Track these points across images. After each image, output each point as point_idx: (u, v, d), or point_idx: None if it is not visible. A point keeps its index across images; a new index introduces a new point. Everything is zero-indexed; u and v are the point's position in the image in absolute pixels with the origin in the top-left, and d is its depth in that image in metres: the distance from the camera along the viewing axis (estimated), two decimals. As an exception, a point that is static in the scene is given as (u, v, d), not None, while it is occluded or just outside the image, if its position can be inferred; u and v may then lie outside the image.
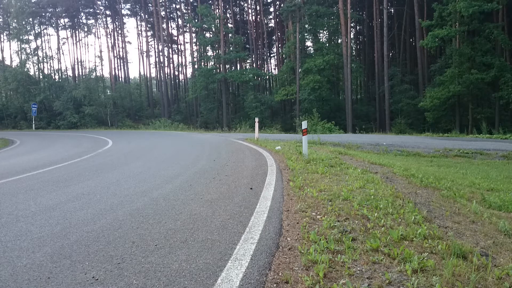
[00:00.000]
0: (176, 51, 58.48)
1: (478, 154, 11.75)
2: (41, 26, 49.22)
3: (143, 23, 56.70)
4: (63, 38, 64.57)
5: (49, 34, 69.48)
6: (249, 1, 53.86)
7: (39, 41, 47.49)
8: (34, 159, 11.11)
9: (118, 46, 55.80)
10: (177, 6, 55.16)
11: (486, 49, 25.73)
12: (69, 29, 51.97)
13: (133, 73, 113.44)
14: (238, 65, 48.91)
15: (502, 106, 25.57)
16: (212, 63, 43.30)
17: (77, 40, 52.85)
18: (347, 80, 33.19)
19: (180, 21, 56.07)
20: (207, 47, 43.43)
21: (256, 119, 16.01)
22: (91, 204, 4.69)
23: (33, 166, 9.10)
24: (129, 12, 56.55)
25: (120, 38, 55.86)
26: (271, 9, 54.94)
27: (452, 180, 6.64)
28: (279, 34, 51.79)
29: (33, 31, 45.76)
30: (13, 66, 42.62)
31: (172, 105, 48.82)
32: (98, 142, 16.79)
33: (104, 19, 52.88)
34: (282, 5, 42.30)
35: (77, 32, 52.63)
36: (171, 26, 56.93)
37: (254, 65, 51.86)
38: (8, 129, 37.53)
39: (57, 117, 39.06)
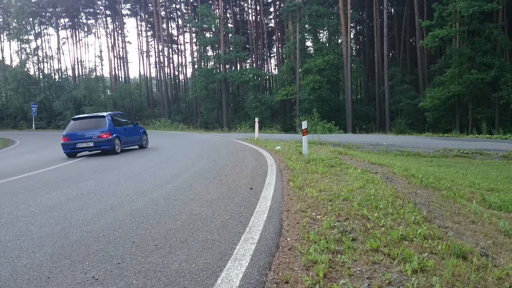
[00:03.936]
0: (176, 51, 58.53)
1: (478, 154, 11.75)
2: (41, 26, 49.26)
3: (143, 23, 56.74)
4: (63, 38, 64.47)
5: (49, 34, 69.46)
6: (249, 1, 53.88)
7: (39, 41, 47.56)
8: (34, 159, 11.11)
9: (118, 46, 55.85)
10: (177, 6, 55.19)
11: (486, 49, 25.73)
12: (69, 29, 52.00)
13: (133, 73, 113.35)
14: (238, 65, 48.91)
15: (502, 106, 25.56)
16: (212, 63, 43.31)
17: (77, 40, 52.89)
18: (347, 80, 33.19)
19: (180, 21, 56.10)
20: (207, 47, 43.44)
21: (256, 119, 16.02)
22: (91, 204, 4.69)
23: (33, 166, 9.10)
24: (129, 12, 56.59)
25: (120, 38, 55.91)
26: (271, 9, 54.99)
27: (452, 180, 6.64)
28: (279, 34, 51.79)
29: (33, 31, 45.80)
30: (13, 66, 42.65)
31: (172, 105, 48.82)
32: (98, 142, 16.73)
33: (104, 19, 52.91)
34: (282, 5, 42.30)
35: (77, 32, 52.66)
36: (171, 26, 56.97)
37: (254, 65, 51.86)
38: (8, 129, 37.54)
39: (57, 117, 39.07)
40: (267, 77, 52.14)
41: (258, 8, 52.56)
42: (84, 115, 13.96)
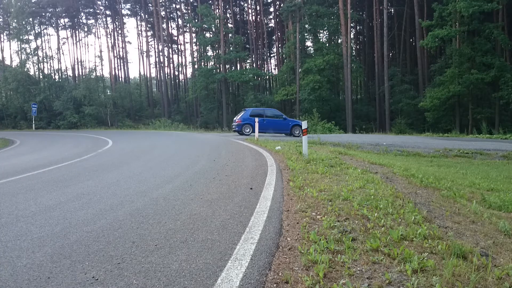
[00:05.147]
0: (176, 51, 58.57)
1: (478, 154, 11.75)
2: (41, 26, 49.24)
3: (143, 23, 56.78)
4: (63, 38, 64.53)
5: (49, 34, 69.49)
6: (249, 1, 53.89)
7: (39, 41, 47.53)
8: (34, 159, 11.11)
9: (118, 46, 55.87)
10: (177, 6, 55.20)
11: (486, 49, 25.74)
12: (69, 29, 52.02)
13: (133, 73, 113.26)
14: (238, 65, 48.92)
15: (502, 106, 25.58)
16: (212, 63, 43.31)
17: (77, 40, 52.92)
18: (347, 80, 33.20)
19: (180, 21, 56.13)
20: (207, 47, 43.45)
21: (256, 119, 16.01)
22: (91, 204, 4.69)
23: (33, 166, 9.09)
24: (129, 12, 56.62)
25: (120, 38, 55.93)
26: (271, 9, 55.03)
27: (452, 180, 6.64)
28: (279, 34, 51.80)
29: (33, 31, 45.76)
30: (13, 66, 42.63)
31: (172, 105, 48.82)
32: (98, 142, 16.78)
33: (104, 19, 52.94)
34: (282, 5, 42.30)
35: (77, 32, 52.68)
36: (171, 26, 57.01)
37: (254, 65, 51.86)
38: (8, 129, 37.52)
39: (57, 117, 39.05)
40: (267, 77, 52.16)
41: (258, 8, 52.59)
42: (245, 108, 21.38)
